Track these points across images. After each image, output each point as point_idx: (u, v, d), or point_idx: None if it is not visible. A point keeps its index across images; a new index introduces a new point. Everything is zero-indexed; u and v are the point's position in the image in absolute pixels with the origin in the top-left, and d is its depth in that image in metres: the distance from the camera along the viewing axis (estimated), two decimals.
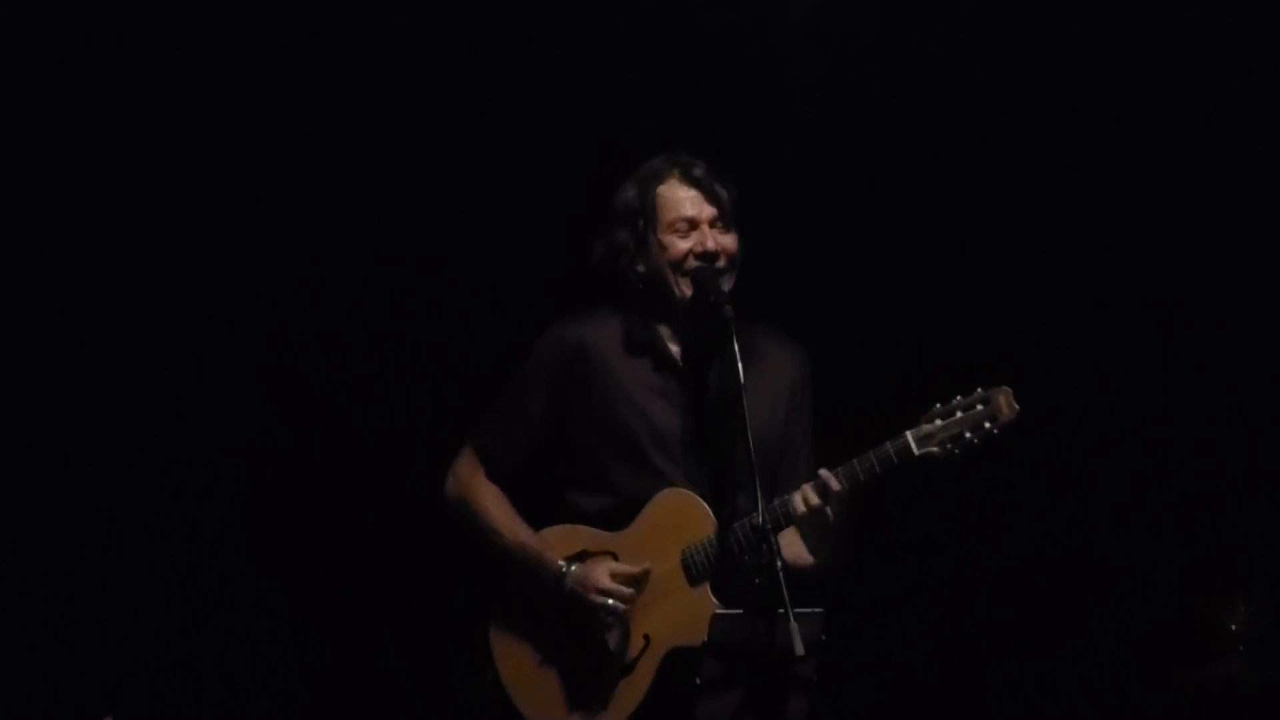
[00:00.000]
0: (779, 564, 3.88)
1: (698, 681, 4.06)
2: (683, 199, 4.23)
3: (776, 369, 4.29)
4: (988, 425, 3.97)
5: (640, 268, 4.26)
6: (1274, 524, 5.40)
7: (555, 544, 4.26)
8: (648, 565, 4.16)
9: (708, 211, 4.23)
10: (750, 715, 4.07)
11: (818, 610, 3.97)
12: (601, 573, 4.17)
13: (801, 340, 4.39)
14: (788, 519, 4.07)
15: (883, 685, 5.49)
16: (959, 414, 3.99)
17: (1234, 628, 5.10)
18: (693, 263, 4.21)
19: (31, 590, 5.35)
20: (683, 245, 4.21)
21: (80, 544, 5.41)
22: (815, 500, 3.99)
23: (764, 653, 4.00)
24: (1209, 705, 5.17)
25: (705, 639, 4.04)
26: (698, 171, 4.23)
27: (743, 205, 4.29)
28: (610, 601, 4.14)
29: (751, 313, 4.26)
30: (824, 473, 4.02)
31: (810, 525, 4.06)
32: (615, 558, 4.22)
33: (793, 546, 4.18)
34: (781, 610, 3.87)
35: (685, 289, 4.22)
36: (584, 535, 4.26)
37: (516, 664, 4.27)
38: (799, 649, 3.84)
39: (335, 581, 5.51)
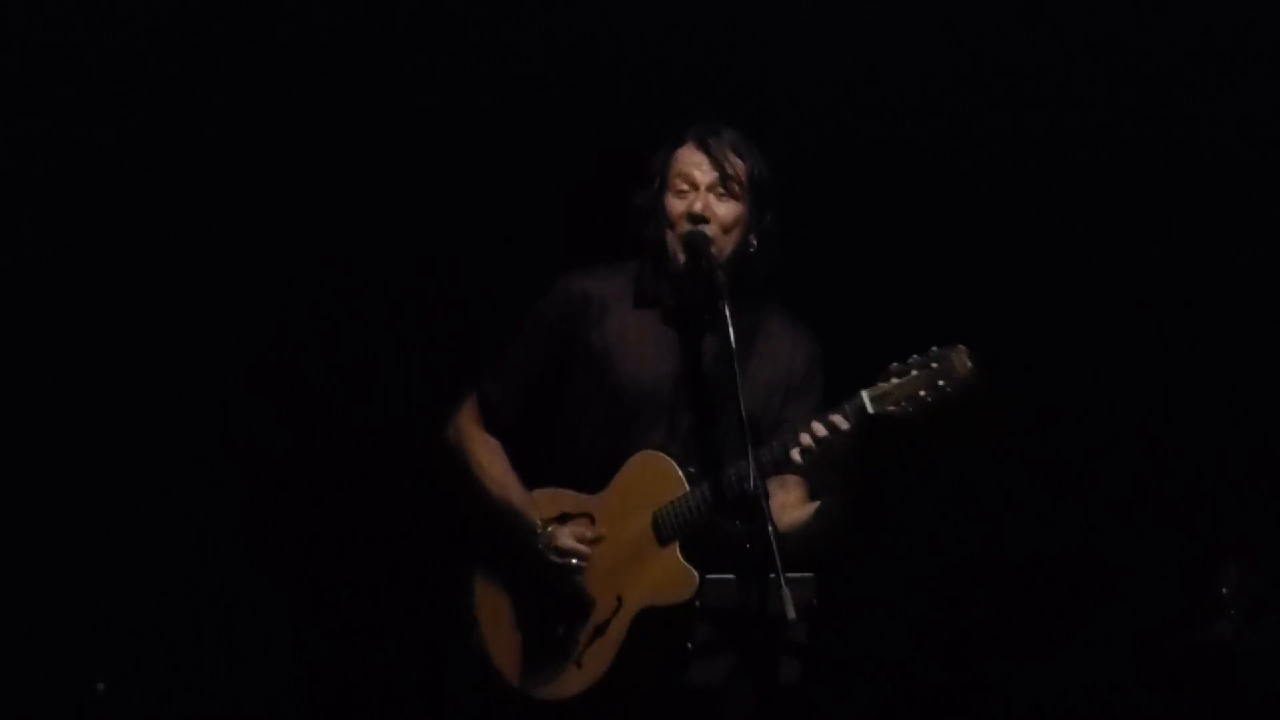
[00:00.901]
0: (770, 528, 3.88)
1: (689, 647, 4.07)
2: (689, 162, 4.24)
3: (780, 352, 4.29)
4: (942, 384, 3.94)
5: (648, 230, 4.27)
6: (1266, 489, 5.40)
7: (541, 506, 4.27)
8: (617, 530, 4.17)
9: (709, 176, 4.22)
10: (743, 679, 4.08)
11: (808, 575, 3.98)
12: (564, 534, 4.18)
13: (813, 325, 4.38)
14: (784, 463, 4.05)
15: (875, 649, 5.50)
16: (914, 372, 3.97)
17: (1226, 592, 5.11)
18: (684, 225, 4.21)
19: (24, 559, 5.35)
20: (679, 206, 4.22)
21: (72, 511, 5.42)
22: (823, 433, 3.97)
23: (755, 617, 4.00)
24: (1201, 670, 5.18)
25: (681, 600, 4.06)
26: (713, 138, 4.23)
27: (771, 182, 4.26)
28: (563, 561, 4.16)
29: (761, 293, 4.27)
30: (832, 414, 4.01)
31: (812, 465, 4.03)
32: (592, 520, 4.22)
33: (784, 511, 4.18)
34: (772, 575, 3.86)
35: (679, 252, 4.22)
36: (566, 498, 4.27)
37: (496, 623, 4.29)
38: (791, 613, 3.83)
39: (324, 542, 5.52)
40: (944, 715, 5.53)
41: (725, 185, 4.20)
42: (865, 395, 3.99)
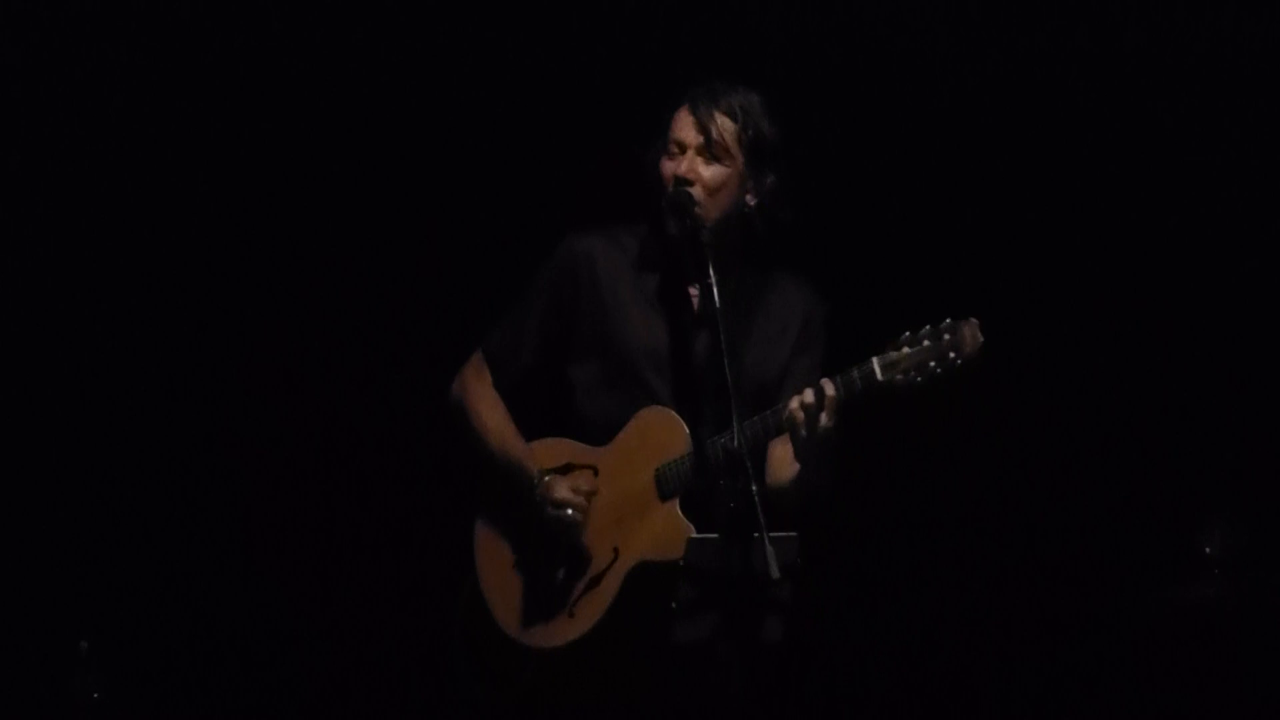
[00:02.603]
0: (754, 488, 3.88)
1: (674, 606, 4.07)
2: (680, 124, 4.23)
3: (783, 314, 4.28)
4: (952, 356, 3.96)
5: (648, 185, 4.27)
6: (1248, 447, 5.41)
7: (542, 456, 4.28)
8: (621, 482, 4.17)
9: (695, 139, 4.21)
10: (727, 638, 4.09)
11: (792, 534, 3.99)
12: (561, 485, 4.19)
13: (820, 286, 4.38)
14: (778, 429, 4.05)
15: (858, 611, 5.51)
16: (925, 343, 3.98)
17: (1209, 550, 5.12)
18: (668, 187, 4.21)
19: (6, 518, 5.35)
20: (668, 169, 4.22)
21: (54, 472, 5.42)
22: (810, 401, 3.98)
23: (740, 576, 4.01)
24: (1184, 627, 5.20)
25: (675, 557, 4.07)
26: (705, 100, 4.22)
27: (772, 141, 4.24)
28: (558, 513, 4.17)
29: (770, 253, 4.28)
30: (825, 380, 4.01)
31: (803, 434, 4.03)
32: (596, 472, 4.23)
33: (779, 467, 4.18)
34: (757, 534, 3.87)
35: (667, 213, 4.21)
36: (570, 449, 4.27)
37: (494, 570, 4.29)
38: (775, 572, 3.85)
39: (313, 500, 5.53)
40: (926, 673, 5.54)
41: (711, 148, 4.19)
42: (876, 362, 3.99)
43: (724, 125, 4.19)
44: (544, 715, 4.23)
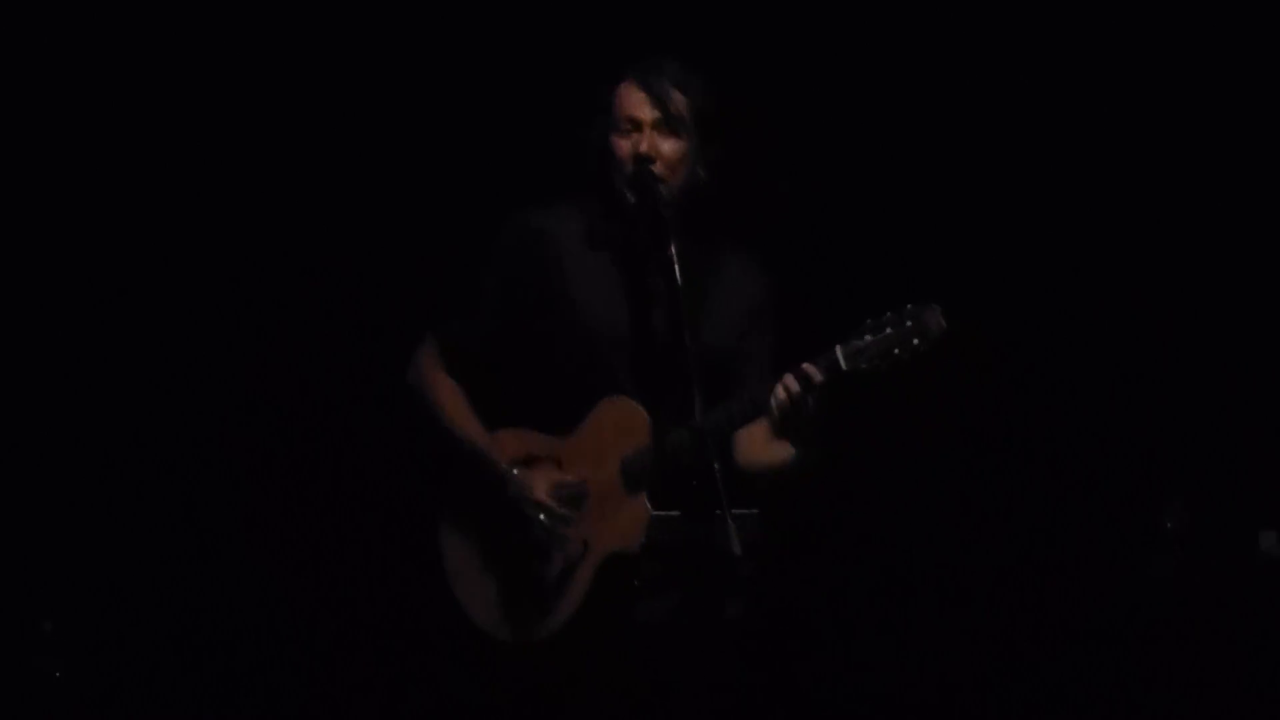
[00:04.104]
0: (715, 465, 3.88)
1: (636, 584, 4.08)
2: (630, 100, 4.21)
3: (736, 289, 4.28)
4: (916, 342, 3.95)
5: (594, 165, 4.25)
6: (1210, 427, 5.43)
7: (506, 446, 4.26)
8: (586, 476, 4.17)
9: (651, 114, 4.20)
10: (688, 616, 4.10)
11: (753, 511, 4.00)
12: (541, 484, 4.18)
13: (768, 267, 4.37)
14: (755, 411, 4.05)
15: (820, 585, 5.52)
16: (888, 330, 3.96)
17: (1170, 527, 5.14)
18: (630, 166, 4.19)
19: None
20: (625, 147, 4.20)
21: (12, 450, 5.40)
22: (796, 389, 3.98)
23: (702, 554, 4.02)
24: (1145, 604, 5.23)
25: (642, 543, 4.07)
26: (653, 74, 4.21)
27: (716, 111, 4.25)
28: (542, 517, 4.16)
29: (715, 229, 4.27)
30: (806, 365, 4.00)
31: (786, 418, 4.03)
32: (559, 464, 4.22)
33: (752, 447, 4.18)
34: (719, 511, 3.88)
35: (628, 193, 4.20)
36: (533, 440, 4.26)
37: (462, 563, 4.28)
38: (736, 549, 3.85)
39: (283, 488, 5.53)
40: (886, 649, 5.55)
41: (669, 123, 4.19)
42: (839, 351, 3.97)
43: (677, 98, 4.19)
44: (519, 707, 4.21)
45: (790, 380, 3.97)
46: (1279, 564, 5.14)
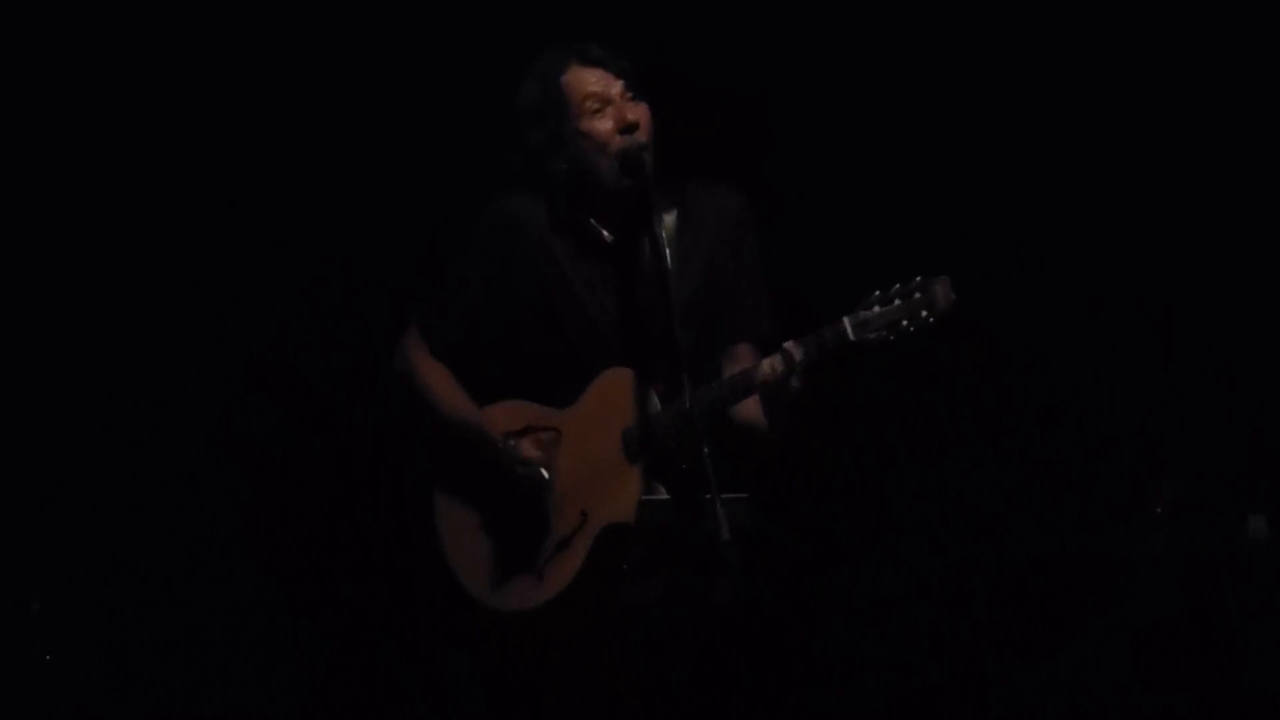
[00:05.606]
0: (704, 450, 3.88)
1: (624, 568, 4.08)
2: (588, 80, 4.19)
3: (709, 224, 4.25)
4: (924, 314, 3.95)
5: (562, 164, 4.22)
6: (1199, 413, 5.44)
7: (500, 420, 4.25)
8: (572, 445, 4.17)
9: (616, 86, 4.19)
10: (677, 600, 4.10)
11: (743, 495, 3.99)
12: (528, 444, 4.18)
13: (739, 187, 4.33)
14: (747, 390, 4.05)
15: (811, 571, 5.53)
16: (896, 302, 3.96)
17: (1158, 509, 5.15)
18: (618, 142, 4.17)
19: None
20: (603, 125, 4.18)
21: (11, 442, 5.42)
22: (780, 368, 3.98)
23: (690, 538, 4.02)
24: (1133, 584, 5.24)
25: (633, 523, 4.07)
26: (595, 51, 4.20)
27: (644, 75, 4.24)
28: (528, 470, 4.15)
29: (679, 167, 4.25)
30: (788, 345, 4.00)
31: (772, 394, 4.04)
32: (559, 434, 4.22)
33: (746, 409, 4.18)
34: (708, 495, 3.87)
35: (616, 172, 4.18)
36: (530, 411, 4.24)
37: (458, 536, 4.27)
38: (725, 534, 3.84)
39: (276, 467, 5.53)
40: (873, 633, 5.56)
41: (632, 87, 4.18)
42: (847, 322, 3.97)
43: (624, 64, 4.19)
44: (511, 677, 4.22)
45: (776, 359, 3.98)
46: (1266, 548, 5.15)
